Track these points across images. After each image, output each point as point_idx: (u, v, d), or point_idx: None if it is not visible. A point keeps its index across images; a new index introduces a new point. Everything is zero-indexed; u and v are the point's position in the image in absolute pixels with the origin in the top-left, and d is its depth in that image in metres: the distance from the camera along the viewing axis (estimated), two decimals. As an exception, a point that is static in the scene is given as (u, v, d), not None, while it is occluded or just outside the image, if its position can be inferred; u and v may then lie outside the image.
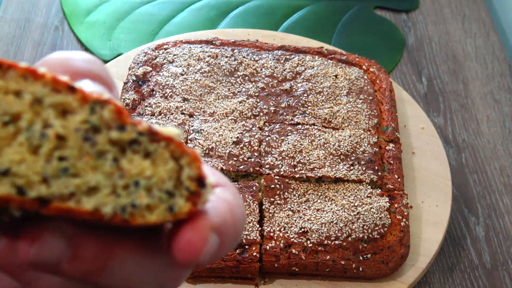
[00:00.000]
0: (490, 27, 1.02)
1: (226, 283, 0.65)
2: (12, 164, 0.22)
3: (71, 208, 0.23)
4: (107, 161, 0.24)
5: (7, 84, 0.23)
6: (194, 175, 0.25)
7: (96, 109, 0.24)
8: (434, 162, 0.76)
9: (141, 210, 0.24)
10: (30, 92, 0.23)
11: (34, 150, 0.23)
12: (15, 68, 0.23)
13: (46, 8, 0.98)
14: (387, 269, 0.64)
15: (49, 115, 0.23)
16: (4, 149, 0.23)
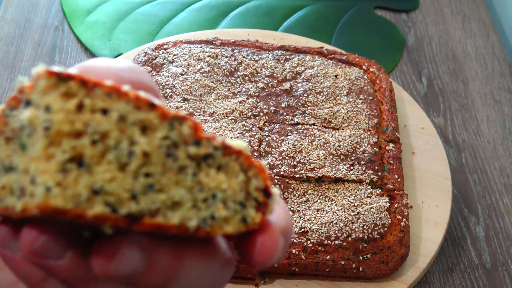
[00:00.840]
0: (490, 27, 1.02)
1: (226, 283, 0.65)
2: (103, 182, 0.23)
3: (160, 224, 0.24)
4: (188, 176, 0.25)
5: (94, 102, 0.23)
6: (261, 186, 0.27)
7: (175, 125, 0.24)
8: (434, 162, 0.76)
9: (220, 222, 0.25)
10: (116, 110, 0.23)
11: (122, 168, 0.23)
12: (101, 86, 0.23)
13: (46, 8, 0.98)
14: (387, 269, 0.64)
15: (134, 132, 0.24)
16: (94, 168, 0.23)
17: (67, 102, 0.23)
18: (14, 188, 0.23)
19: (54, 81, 0.23)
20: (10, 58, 0.90)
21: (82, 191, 0.22)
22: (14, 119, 0.24)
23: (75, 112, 0.23)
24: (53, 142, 0.22)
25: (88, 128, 0.23)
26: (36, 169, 0.22)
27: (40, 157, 0.22)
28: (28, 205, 0.22)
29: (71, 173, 0.22)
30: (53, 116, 0.22)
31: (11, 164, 0.24)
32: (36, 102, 0.23)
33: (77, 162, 0.22)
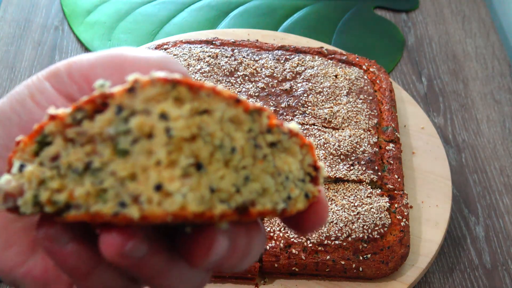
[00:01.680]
0: (490, 27, 1.02)
1: (226, 283, 0.65)
2: (217, 181, 0.24)
3: (261, 211, 0.25)
4: (270, 163, 0.26)
5: (200, 105, 0.24)
6: (311, 162, 0.28)
7: (256, 117, 0.26)
8: (434, 162, 0.76)
9: (294, 201, 0.27)
10: (217, 110, 0.24)
11: (226, 164, 0.24)
12: (203, 89, 0.24)
13: (46, 8, 0.98)
14: (387, 269, 0.64)
15: (230, 129, 0.24)
16: (208, 168, 0.24)
17: (182, 108, 0.23)
18: (107, 194, 0.23)
19: (166, 88, 0.23)
20: (10, 58, 0.90)
21: (205, 193, 0.23)
22: (93, 124, 0.24)
23: (189, 117, 0.23)
24: (175, 149, 0.23)
25: (201, 130, 0.23)
26: (161, 176, 0.23)
27: (163, 164, 0.23)
28: (153, 212, 0.22)
29: (194, 177, 0.23)
30: (173, 123, 0.23)
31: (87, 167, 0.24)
32: (140, 108, 0.23)
33: (195, 165, 0.23)
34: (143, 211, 0.23)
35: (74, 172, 0.24)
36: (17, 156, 0.25)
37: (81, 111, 0.24)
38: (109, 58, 0.29)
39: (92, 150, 0.24)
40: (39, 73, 0.30)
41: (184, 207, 0.23)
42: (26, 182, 0.25)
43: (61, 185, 0.25)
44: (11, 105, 0.29)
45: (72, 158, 0.24)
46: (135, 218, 0.23)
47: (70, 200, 0.24)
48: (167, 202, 0.23)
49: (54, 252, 0.26)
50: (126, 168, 0.23)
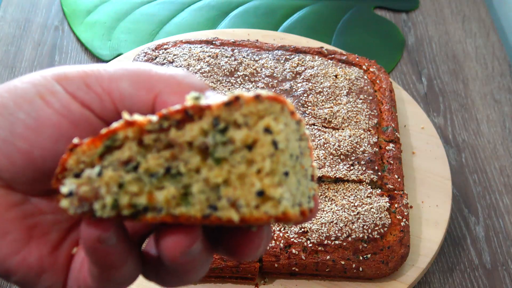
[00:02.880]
0: (490, 27, 1.02)
1: (226, 283, 0.65)
2: (295, 187, 0.26)
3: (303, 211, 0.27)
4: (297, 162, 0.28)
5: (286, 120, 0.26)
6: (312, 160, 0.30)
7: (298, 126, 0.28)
8: (434, 162, 0.76)
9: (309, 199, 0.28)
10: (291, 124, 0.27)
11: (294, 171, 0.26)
12: (286, 104, 0.26)
13: (46, 8, 0.98)
14: (387, 269, 0.64)
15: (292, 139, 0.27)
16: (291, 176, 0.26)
17: (280, 123, 0.25)
18: (193, 198, 0.25)
19: (268, 105, 0.25)
20: (10, 58, 0.90)
21: (292, 198, 0.26)
22: (182, 132, 0.25)
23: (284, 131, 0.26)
24: (277, 159, 0.25)
25: (288, 143, 0.26)
26: (263, 183, 0.25)
27: (265, 172, 0.25)
28: (254, 215, 0.25)
29: (285, 184, 0.25)
30: (277, 136, 0.25)
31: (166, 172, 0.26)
32: (241, 121, 0.25)
33: (284, 174, 0.25)
34: (243, 214, 0.25)
35: (153, 177, 0.26)
36: (74, 159, 0.26)
37: (169, 119, 0.26)
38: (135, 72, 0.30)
39: (171, 156, 0.26)
40: (42, 72, 0.30)
41: (286, 211, 0.25)
42: (104, 186, 0.26)
43: (140, 189, 0.26)
44: (15, 101, 0.29)
45: (151, 163, 0.26)
46: (235, 220, 0.25)
47: (149, 203, 0.26)
48: (268, 206, 0.25)
49: (99, 251, 0.27)
50: (221, 175, 0.25)
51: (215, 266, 0.63)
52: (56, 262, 0.30)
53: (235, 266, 0.63)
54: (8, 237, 0.29)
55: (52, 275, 0.30)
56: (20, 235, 0.29)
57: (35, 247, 0.30)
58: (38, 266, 0.30)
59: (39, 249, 0.30)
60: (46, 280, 0.30)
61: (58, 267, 0.30)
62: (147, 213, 0.26)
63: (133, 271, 0.30)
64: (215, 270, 0.63)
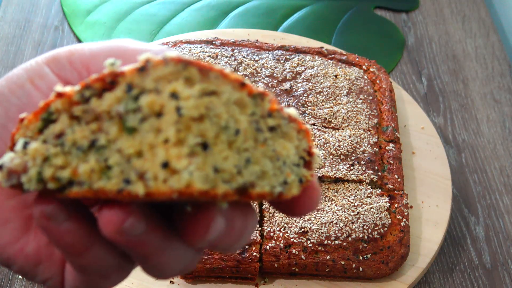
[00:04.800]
0: (490, 27, 1.02)
1: (226, 283, 0.65)
2: (222, 161, 0.24)
3: (260, 193, 0.26)
4: (269, 147, 0.26)
5: (209, 86, 0.24)
6: (307, 147, 0.29)
7: (258, 101, 0.26)
8: (434, 162, 0.76)
9: (290, 186, 0.27)
10: (224, 92, 0.25)
11: (229, 146, 0.25)
12: (213, 70, 0.24)
13: (46, 8, 0.98)
14: (387, 269, 0.64)
15: (235, 111, 0.25)
16: (214, 149, 0.24)
17: (193, 88, 0.23)
18: (112, 171, 0.24)
19: (178, 68, 0.24)
20: (10, 58, 0.90)
21: (210, 172, 0.24)
22: (101, 102, 0.24)
23: (199, 97, 0.24)
24: (184, 127, 0.23)
25: (209, 111, 0.24)
26: (168, 154, 0.23)
27: (171, 142, 0.23)
28: (159, 189, 0.23)
29: (200, 156, 0.23)
30: (183, 103, 0.23)
31: (92, 145, 0.24)
32: (150, 87, 0.23)
33: (201, 145, 0.24)
34: (149, 188, 0.23)
35: (79, 150, 0.25)
36: (21, 133, 0.26)
37: (90, 89, 0.25)
38: (111, 48, 0.30)
39: (97, 128, 0.24)
40: (38, 57, 0.31)
41: (190, 185, 0.23)
42: (30, 159, 0.25)
43: (65, 162, 0.25)
44: (9, 87, 0.30)
45: (77, 135, 0.25)
46: (140, 194, 0.23)
47: (73, 177, 0.25)
48: (173, 179, 0.23)
49: (50, 230, 0.27)
50: (133, 145, 0.24)
51: (215, 266, 0.63)
52: (52, 253, 0.30)
53: (235, 266, 0.63)
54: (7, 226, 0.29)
55: (49, 266, 0.30)
56: (19, 224, 0.30)
57: (33, 237, 0.30)
58: (36, 257, 0.30)
59: (36, 239, 0.30)
60: (44, 272, 0.30)
61: (54, 259, 0.30)
62: (72, 187, 0.25)
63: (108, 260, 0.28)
64: (215, 270, 0.63)
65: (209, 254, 0.63)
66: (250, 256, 0.63)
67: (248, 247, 0.63)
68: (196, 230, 0.26)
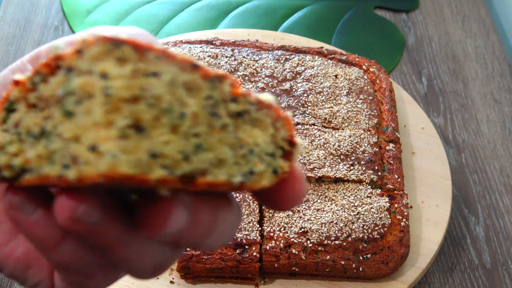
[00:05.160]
0: (490, 27, 1.02)
1: (226, 283, 0.65)
2: (160, 146, 0.23)
3: (211, 182, 0.24)
4: (230, 133, 0.25)
5: (147, 66, 0.23)
6: (286, 136, 0.27)
7: (216, 84, 0.25)
8: (434, 162, 0.76)
9: (257, 176, 0.26)
10: (167, 73, 0.23)
11: (174, 130, 0.23)
12: (152, 50, 0.23)
13: (46, 8, 0.98)
14: (387, 269, 0.64)
15: (182, 94, 0.24)
16: (151, 132, 0.23)
17: (124, 68, 0.23)
18: (55, 157, 0.23)
19: (108, 47, 0.23)
20: (10, 58, 0.90)
21: (143, 156, 0.22)
22: (47, 87, 0.24)
23: (131, 78, 0.23)
24: (112, 108, 0.22)
25: (144, 92, 0.23)
26: (96, 136, 0.22)
27: (100, 124, 0.22)
28: (86, 173, 0.22)
29: (131, 139, 0.22)
30: (112, 82, 0.22)
31: (43, 132, 0.24)
32: (84, 68, 0.23)
33: (134, 128, 0.23)
34: (79, 173, 0.22)
35: (31, 137, 0.24)
36: None
37: (39, 74, 0.24)
38: None
39: (48, 114, 0.24)
40: (23, 57, 0.31)
41: (113, 168, 0.22)
42: None
43: (19, 149, 0.24)
44: None
45: (30, 122, 0.24)
46: (71, 179, 0.22)
47: (25, 164, 0.24)
48: (99, 163, 0.22)
49: (19, 221, 0.26)
50: (70, 129, 0.23)
51: (215, 266, 0.63)
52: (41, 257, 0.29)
53: (235, 266, 0.63)
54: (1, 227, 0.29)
55: (38, 270, 0.30)
56: (8, 227, 0.29)
57: (22, 240, 0.29)
58: (25, 260, 0.29)
59: (25, 243, 0.29)
60: (34, 276, 0.30)
61: (43, 262, 0.30)
62: (25, 175, 0.24)
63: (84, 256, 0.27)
64: (215, 270, 0.63)
65: (209, 254, 0.63)
66: (250, 256, 0.63)
67: (248, 247, 0.64)
68: (152, 221, 0.24)
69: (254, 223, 0.65)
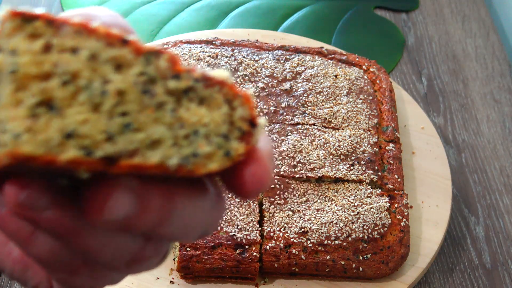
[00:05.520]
0: (490, 27, 1.02)
1: (226, 283, 0.65)
2: (76, 125, 0.22)
3: (138, 164, 0.23)
4: (167, 112, 0.23)
5: (62, 42, 0.22)
6: (246, 116, 0.25)
7: (151, 60, 0.23)
8: (434, 162, 0.76)
9: (203, 159, 0.24)
10: (86, 48, 0.22)
11: (95, 108, 0.22)
12: (69, 24, 0.22)
13: (46, 8, 0.98)
14: (387, 269, 0.64)
15: (107, 70, 0.22)
16: (66, 110, 0.22)
17: (33, 43, 0.21)
18: None
19: (18, 22, 0.22)
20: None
21: (54, 136, 0.21)
22: None
23: (43, 53, 0.21)
24: (21, 86, 0.21)
25: (57, 69, 0.22)
26: (5, 116, 0.21)
27: (8, 103, 0.21)
28: None
29: (42, 118, 0.21)
30: (19, 58, 0.21)
31: None
32: (2, 46, 0.22)
33: (48, 106, 0.21)
34: None
35: None
36: None
37: None
38: None
39: None
40: None
41: (16, 148, 0.21)
42: None
43: None
44: None
45: None
46: None
47: None
48: (2, 143, 0.21)
49: None
50: None
51: (215, 266, 0.63)
52: None
53: (235, 266, 0.63)
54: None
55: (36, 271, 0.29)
56: None
57: None
58: (22, 262, 0.29)
59: None
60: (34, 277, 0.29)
61: None
62: None
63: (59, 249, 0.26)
64: (215, 270, 0.63)
65: (209, 254, 0.63)
66: (250, 256, 0.63)
67: (248, 247, 0.64)
68: (92, 205, 0.23)
69: (254, 223, 0.65)
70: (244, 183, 0.25)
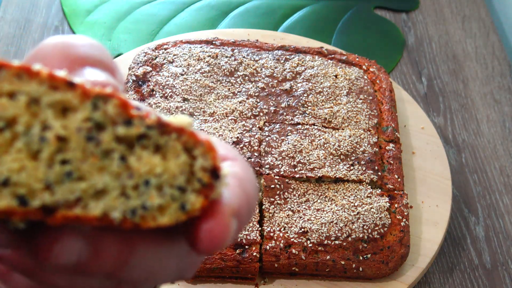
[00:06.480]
0: (490, 27, 1.02)
1: (226, 283, 0.65)
2: (11, 172, 0.21)
3: (77, 216, 0.22)
4: (114, 161, 0.22)
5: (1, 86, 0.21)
6: (208, 166, 0.24)
7: (98, 104, 0.22)
8: (434, 162, 0.76)
9: (153, 211, 0.23)
10: (25, 93, 0.21)
11: (34, 156, 0.21)
12: (7, 68, 0.21)
13: (46, 8, 0.98)
14: (387, 269, 0.64)
15: (48, 115, 0.22)
16: (2, 157, 0.21)
17: None
18: None
19: None
20: (10, 58, 0.90)
21: None
22: None
23: None
24: None
25: None
26: None
27: None
28: None
29: None
30: None
31: None
32: None
33: None
34: None
35: None
36: None
37: None
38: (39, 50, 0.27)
39: None
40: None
41: None
42: None
43: None
44: None
45: None
46: None
47: None
48: None
49: None
50: None
51: (215, 266, 0.63)
52: None
53: (235, 266, 0.63)
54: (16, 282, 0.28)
55: None
56: None
57: None
58: None
59: None
60: None
61: None
62: None
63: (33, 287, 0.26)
64: (215, 270, 0.63)
65: (209, 254, 0.63)
66: (250, 256, 0.63)
67: (248, 247, 0.64)
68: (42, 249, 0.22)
69: (254, 223, 0.65)
70: (198, 239, 0.23)
